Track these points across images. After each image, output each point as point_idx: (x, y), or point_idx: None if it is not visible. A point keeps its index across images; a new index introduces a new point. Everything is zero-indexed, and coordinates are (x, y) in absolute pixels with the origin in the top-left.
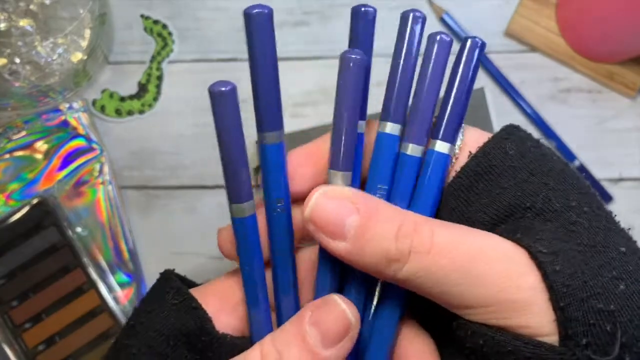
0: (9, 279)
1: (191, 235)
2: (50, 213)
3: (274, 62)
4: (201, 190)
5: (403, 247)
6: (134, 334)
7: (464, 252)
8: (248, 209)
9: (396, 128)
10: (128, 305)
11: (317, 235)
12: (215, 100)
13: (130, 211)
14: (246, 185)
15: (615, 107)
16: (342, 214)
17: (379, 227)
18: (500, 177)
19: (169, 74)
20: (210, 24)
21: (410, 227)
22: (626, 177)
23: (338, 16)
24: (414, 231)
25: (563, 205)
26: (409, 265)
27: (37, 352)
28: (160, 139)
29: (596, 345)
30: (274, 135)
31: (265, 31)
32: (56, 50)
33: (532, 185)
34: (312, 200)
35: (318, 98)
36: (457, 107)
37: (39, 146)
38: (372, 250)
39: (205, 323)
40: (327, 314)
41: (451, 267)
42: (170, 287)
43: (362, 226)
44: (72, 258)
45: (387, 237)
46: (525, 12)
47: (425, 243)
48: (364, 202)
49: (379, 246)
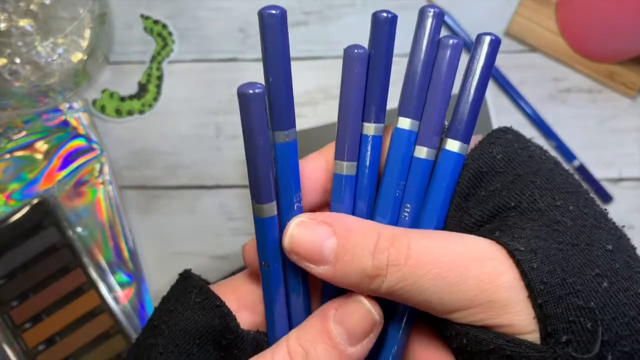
0: (9, 279)
1: (191, 235)
2: (50, 213)
3: (287, 62)
4: (201, 190)
5: (380, 262)
6: (159, 333)
7: (440, 259)
8: (267, 210)
9: (414, 124)
10: (128, 305)
11: (300, 264)
12: (243, 102)
13: (130, 211)
14: (267, 187)
15: (615, 107)
16: (319, 239)
17: (357, 246)
18: (488, 182)
19: (169, 74)
20: (210, 24)
21: (387, 241)
22: (626, 177)
23: (338, 16)
24: (391, 245)
25: (548, 204)
26: (388, 279)
27: (37, 352)
28: (160, 139)
29: (577, 342)
30: (284, 134)
31: (279, 32)
32: (56, 50)
33: (518, 186)
34: (288, 231)
35: (318, 98)
36: (474, 106)
37: (39, 146)
38: (352, 270)
39: (229, 321)
40: (352, 312)
41: (429, 276)
42: (192, 285)
43: (340, 248)
44: (72, 258)
45: (364, 254)
46: (525, 12)
47: (402, 255)
48: (340, 224)
49: (359, 265)
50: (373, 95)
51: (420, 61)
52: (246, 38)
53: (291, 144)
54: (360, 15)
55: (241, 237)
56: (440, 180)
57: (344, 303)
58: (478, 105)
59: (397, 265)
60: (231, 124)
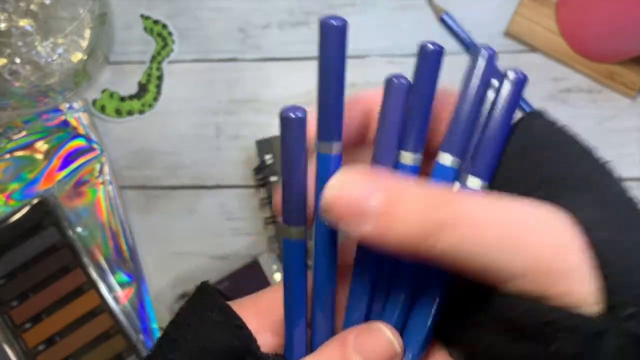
0: (9, 279)
1: (191, 235)
2: (50, 213)
3: (341, 74)
4: (201, 190)
5: (433, 220)
6: (177, 347)
7: (498, 221)
8: (295, 233)
9: (455, 161)
10: (128, 305)
11: (340, 223)
12: (285, 125)
13: (130, 211)
14: (299, 210)
15: (615, 107)
16: (364, 195)
17: (406, 203)
18: (538, 151)
19: (169, 74)
20: (210, 24)
21: (440, 198)
22: (626, 177)
23: None
24: (444, 204)
25: (602, 180)
26: (441, 240)
27: (37, 352)
28: (160, 139)
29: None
30: (327, 145)
31: (337, 43)
32: (56, 50)
33: (567, 159)
34: (329, 184)
35: None
36: (498, 145)
37: (39, 146)
38: (400, 228)
39: (250, 343)
40: (373, 342)
41: (485, 239)
42: (212, 303)
43: (388, 204)
44: (72, 258)
45: (415, 212)
46: (525, 12)
47: (457, 214)
48: (387, 179)
49: (408, 223)
50: (413, 125)
51: (471, 101)
52: (246, 38)
53: (336, 157)
54: (360, 15)
55: (241, 237)
56: None
57: (364, 331)
58: (501, 145)
59: (452, 225)
60: (231, 124)
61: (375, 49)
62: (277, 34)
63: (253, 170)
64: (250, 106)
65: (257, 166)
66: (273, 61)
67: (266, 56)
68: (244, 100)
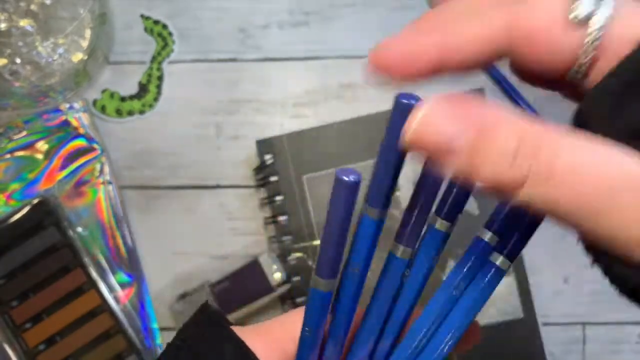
0: (9, 279)
1: (191, 235)
2: (50, 213)
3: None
4: (201, 190)
5: (519, 169)
6: None
7: (595, 181)
8: (325, 285)
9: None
10: (128, 305)
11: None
12: (338, 187)
13: (130, 211)
14: (334, 265)
15: None
16: (453, 128)
17: (494, 143)
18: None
19: (169, 74)
20: (210, 24)
21: (531, 145)
22: None
23: (338, 16)
24: (534, 153)
25: None
26: (526, 191)
27: (38, 352)
28: (161, 139)
29: None
30: (375, 211)
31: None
32: (56, 51)
33: None
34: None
35: (318, 98)
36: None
37: (39, 146)
38: (486, 171)
39: None
40: None
41: (577, 200)
42: (225, 336)
43: (476, 140)
44: (72, 258)
45: (503, 154)
46: None
47: (544, 168)
48: (479, 112)
49: (492, 167)
50: (448, 193)
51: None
52: (246, 38)
53: (375, 222)
54: (360, 15)
55: (241, 237)
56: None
57: None
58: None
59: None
60: (231, 124)
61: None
62: (277, 34)
63: (253, 170)
64: (250, 106)
65: (257, 166)
66: (273, 61)
67: (266, 56)
68: (244, 100)
